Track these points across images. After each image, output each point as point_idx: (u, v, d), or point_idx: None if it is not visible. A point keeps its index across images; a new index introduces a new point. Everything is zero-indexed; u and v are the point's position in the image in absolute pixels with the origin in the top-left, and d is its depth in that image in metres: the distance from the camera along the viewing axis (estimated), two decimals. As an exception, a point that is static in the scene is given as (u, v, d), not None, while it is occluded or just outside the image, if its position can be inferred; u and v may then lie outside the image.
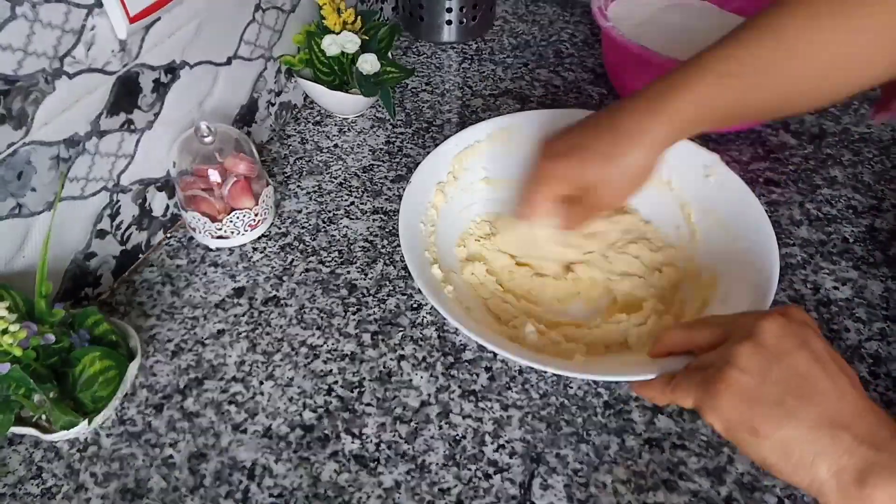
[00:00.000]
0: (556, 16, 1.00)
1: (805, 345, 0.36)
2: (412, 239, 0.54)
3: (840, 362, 0.36)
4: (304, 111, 0.82)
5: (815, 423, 0.33)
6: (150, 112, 0.58)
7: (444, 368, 0.54)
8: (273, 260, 0.63)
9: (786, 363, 0.35)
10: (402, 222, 0.55)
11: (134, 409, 0.52)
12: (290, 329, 0.57)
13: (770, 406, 0.34)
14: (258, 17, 0.68)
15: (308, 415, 0.51)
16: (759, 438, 0.34)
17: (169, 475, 0.48)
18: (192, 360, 0.55)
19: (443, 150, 0.62)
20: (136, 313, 0.58)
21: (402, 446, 0.49)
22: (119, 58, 0.53)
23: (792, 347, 0.35)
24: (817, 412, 0.33)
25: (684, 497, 0.46)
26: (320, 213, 0.68)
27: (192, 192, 0.60)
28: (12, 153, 0.47)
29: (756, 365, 0.35)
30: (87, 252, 0.57)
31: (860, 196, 0.69)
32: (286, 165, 0.74)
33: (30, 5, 0.45)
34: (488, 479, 0.47)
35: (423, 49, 0.93)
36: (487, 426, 0.51)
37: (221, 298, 0.60)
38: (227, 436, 0.50)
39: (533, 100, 0.83)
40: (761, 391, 0.35)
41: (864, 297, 0.60)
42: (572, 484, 0.47)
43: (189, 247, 0.64)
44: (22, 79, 0.46)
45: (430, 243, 0.57)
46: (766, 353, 0.35)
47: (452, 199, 0.62)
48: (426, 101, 0.83)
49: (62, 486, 0.47)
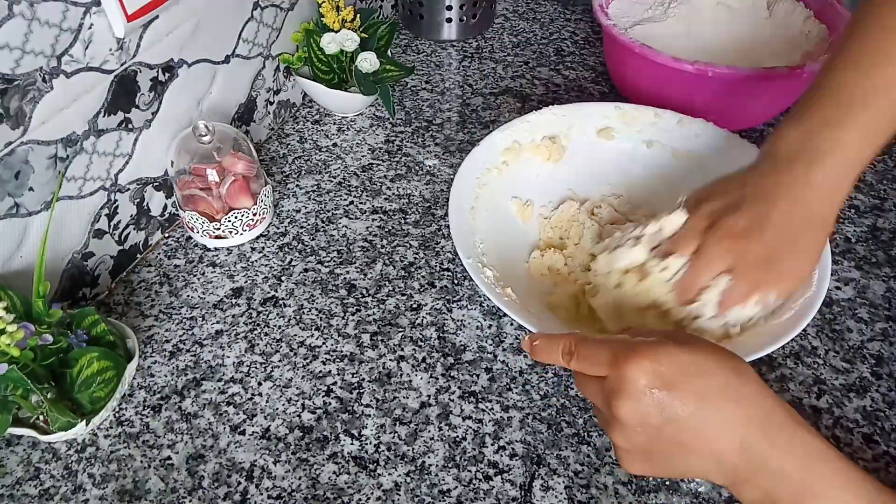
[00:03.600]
0: (556, 14, 1.00)
1: (669, 391, 0.35)
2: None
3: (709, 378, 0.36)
4: (302, 110, 0.81)
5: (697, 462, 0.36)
6: (148, 111, 0.58)
7: (443, 369, 0.54)
8: (271, 260, 0.63)
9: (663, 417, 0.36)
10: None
11: (132, 409, 0.51)
12: (289, 329, 0.57)
13: (658, 459, 0.37)
14: (256, 15, 0.68)
15: (307, 416, 0.51)
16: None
17: (167, 476, 0.47)
18: (190, 360, 0.55)
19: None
20: (134, 313, 0.58)
21: (401, 448, 0.49)
22: (117, 56, 0.53)
23: (659, 403, 0.35)
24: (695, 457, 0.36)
25: (685, 499, 0.46)
26: (319, 212, 0.68)
27: (190, 192, 0.60)
28: (10, 152, 0.47)
29: (635, 425, 0.36)
30: (84, 252, 0.56)
31: (862, 196, 0.69)
32: (285, 165, 0.73)
33: (27, 4, 0.44)
34: (488, 481, 0.47)
35: (423, 47, 0.93)
36: (488, 427, 0.50)
37: (219, 299, 0.59)
38: (225, 437, 0.50)
39: (533, 98, 0.83)
40: (648, 449, 0.37)
41: (866, 297, 0.59)
42: (573, 485, 0.47)
43: (187, 247, 0.64)
44: (19, 77, 0.46)
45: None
46: (639, 413, 0.36)
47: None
48: (426, 99, 0.83)
49: (60, 487, 0.47)
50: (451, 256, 0.63)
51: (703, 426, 0.35)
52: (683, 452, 0.36)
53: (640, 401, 0.35)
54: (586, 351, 0.39)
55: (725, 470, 0.35)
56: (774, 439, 0.35)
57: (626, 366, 0.36)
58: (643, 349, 0.36)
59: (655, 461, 0.37)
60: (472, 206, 0.58)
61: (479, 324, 0.57)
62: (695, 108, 0.65)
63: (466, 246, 0.53)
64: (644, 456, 0.37)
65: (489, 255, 0.56)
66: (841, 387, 0.53)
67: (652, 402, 0.35)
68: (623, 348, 0.37)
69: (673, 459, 0.36)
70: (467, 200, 0.58)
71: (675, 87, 0.70)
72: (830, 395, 0.52)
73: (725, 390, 0.35)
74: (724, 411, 0.35)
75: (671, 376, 0.35)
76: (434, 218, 0.67)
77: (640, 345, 0.36)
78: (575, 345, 0.40)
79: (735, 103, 0.70)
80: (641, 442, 0.36)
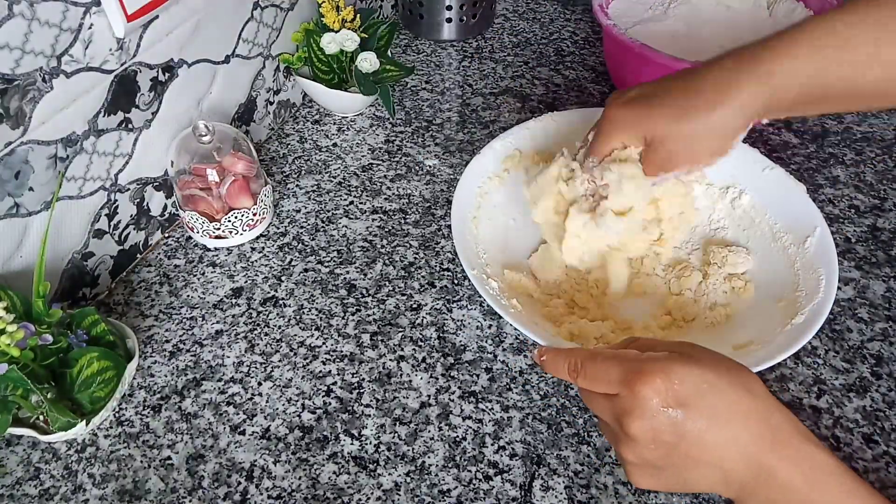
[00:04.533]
0: (556, 13, 1.00)
1: (682, 409, 0.35)
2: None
3: (725, 395, 0.36)
4: (302, 110, 0.81)
5: (704, 477, 0.36)
6: (148, 111, 0.58)
7: (443, 369, 0.54)
8: (271, 260, 0.63)
9: (676, 434, 0.36)
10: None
11: (132, 409, 0.51)
12: (289, 329, 0.57)
13: (668, 474, 0.37)
14: (256, 15, 0.68)
15: (307, 416, 0.51)
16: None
17: (167, 476, 0.47)
18: (190, 360, 0.55)
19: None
20: (134, 313, 0.58)
21: (401, 448, 0.49)
22: (117, 56, 0.53)
23: (672, 421, 0.35)
24: (704, 471, 0.36)
25: (685, 499, 0.46)
26: (319, 212, 0.68)
27: (190, 192, 0.60)
28: (10, 152, 0.47)
29: (647, 441, 0.36)
30: (84, 252, 0.56)
31: (862, 195, 0.69)
32: (285, 165, 0.73)
33: (27, 4, 0.44)
34: (488, 481, 0.47)
35: (423, 47, 0.93)
36: (488, 427, 0.50)
37: (219, 299, 0.59)
38: (225, 437, 0.50)
39: (533, 98, 0.83)
40: (658, 464, 0.37)
41: (866, 297, 0.59)
42: (573, 485, 0.47)
43: (187, 246, 0.64)
44: (19, 77, 0.46)
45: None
46: (652, 429, 0.36)
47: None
48: (426, 99, 0.83)
49: (60, 487, 0.47)
50: (450, 256, 0.63)
51: (713, 442, 0.35)
52: (692, 467, 0.36)
53: (653, 419, 0.35)
54: (594, 369, 0.39)
55: (732, 484, 0.36)
56: (781, 453, 0.35)
57: (639, 385, 0.35)
58: (655, 368, 0.36)
59: (664, 476, 0.37)
60: (474, 216, 0.59)
61: (479, 324, 0.57)
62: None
63: (470, 256, 0.53)
64: (653, 471, 0.37)
65: (493, 266, 0.56)
66: (841, 387, 0.53)
67: (665, 421, 0.35)
68: (634, 368, 0.37)
69: (682, 474, 0.37)
70: (469, 210, 0.59)
71: (675, 87, 0.70)
72: (830, 395, 0.52)
73: (737, 407, 0.35)
74: (735, 427, 0.35)
75: (684, 395, 0.35)
76: (434, 218, 0.67)
77: (651, 362, 0.36)
78: (582, 363, 0.39)
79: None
80: (652, 458, 0.36)
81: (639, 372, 0.36)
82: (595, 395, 0.39)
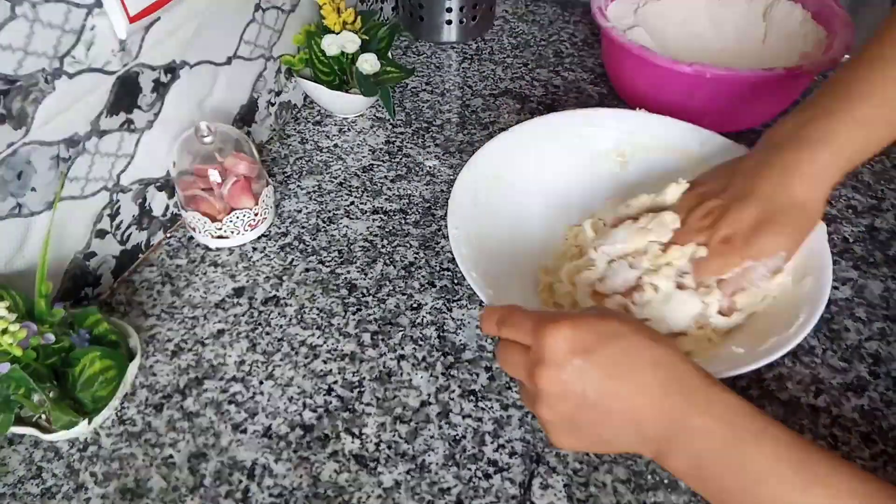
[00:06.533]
0: (555, 16, 1.00)
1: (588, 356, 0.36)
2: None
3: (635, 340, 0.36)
4: (303, 111, 0.82)
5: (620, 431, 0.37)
6: (150, 112, 0.58)
7: (443, 368, 0.54)
8: (273, 260, 0.63)
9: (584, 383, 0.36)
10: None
11: (134, 408, 0.52)
12: (290, 329, 0.57)
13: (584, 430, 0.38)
14: (258, 16, 0.68)
15: (308, 414, 0.51)
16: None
17: (169, 475, 0.48)
18: (191, 359, 0.55)
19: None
20: (136, 313, 0.58)
21: (401, 446, 0.49)
22: (119, 58, 0.53)
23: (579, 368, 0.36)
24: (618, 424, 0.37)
25: (684, 497, 0.46)
26: (320, 212, 0.68)
27: (192, 192, 0.60)
28: (12, 153, 0.47)
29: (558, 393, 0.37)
30: (86, 252, 0.57)
31: (860, 196, 0.69)
32: (286, 165, 0.74)
33: (30, 5, 0.45)
34: (488, 479, 0.47)
35: (423, 49, 0.93)
36: (487, 426, 0.51)
37: (221, 298, 0.60)
38: (226, 436, 0.50)
39: (533, 100, 0.83)
40: (572, 419, 0.37)
41: (863, 297, 0.60)
42: (572, 483, 0.47)
43: (189, 247, 0.64)
44: (22, 78, 0.46)
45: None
46: (561, 380, 0.36)
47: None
48: (426, 100, 0.83)
49: (62, 485, 0.47)
50: (450, 256, 0.63)
51: (621, 390, 0.36)
52: (605, 421, 0.36)
53: (561, 368, 0.36)
54: (513, 318, 0.39)
55: (648, 439, 0.36)
56: (692, 398, 0.35)
57: (547, 333, 0.36)
58: (564, 318, 0.37)
59: (582, 433, 0.38)
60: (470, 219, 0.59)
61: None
62: (693, 110, 0.66)
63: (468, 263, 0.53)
64: (570, 427, 0.38)
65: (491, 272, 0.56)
66: (839, 386, 0.53)
67: (572, 369, 0.36)
68: (546, 317, 0.38)
69: (597, 430, 0.37)
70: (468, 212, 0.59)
71: (673, 89, 0.70)
72: (828, 395, 0.52)
73: (642, 354, 0.36)
74: (642, 374, 0.36)
75: (589, 342, 0.36)
76: (434, 218, 0.67)
77: (563, 314, 0.37)
78: (507, 315, 0.40)
79: (733, 105, 0.70)
80: (565, 411, 0.37)
81: (549, 320, 0.37)
82: (510, 351, 0.40)
